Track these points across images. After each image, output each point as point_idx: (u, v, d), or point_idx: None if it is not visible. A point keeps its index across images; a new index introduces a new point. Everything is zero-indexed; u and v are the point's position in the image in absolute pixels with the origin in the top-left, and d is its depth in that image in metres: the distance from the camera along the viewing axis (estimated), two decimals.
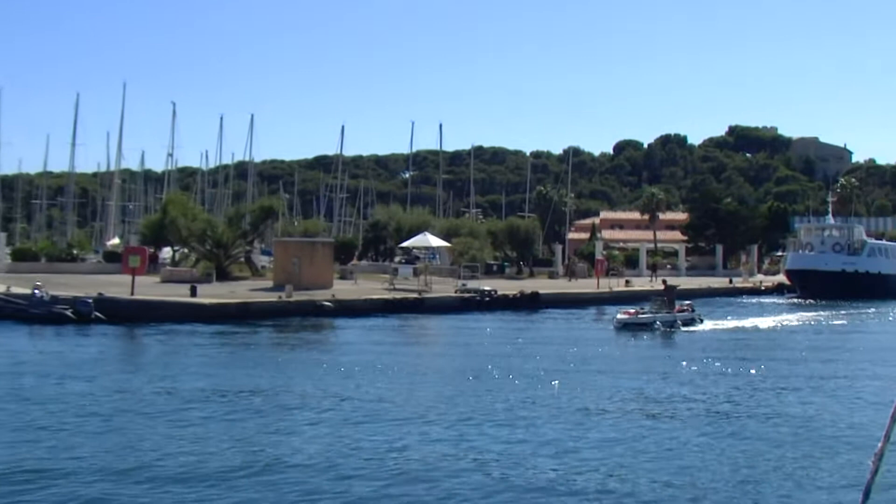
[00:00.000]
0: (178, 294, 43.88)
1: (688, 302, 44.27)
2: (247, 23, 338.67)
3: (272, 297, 45.43)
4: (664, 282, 46.56)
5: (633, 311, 41.42)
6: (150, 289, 46.77)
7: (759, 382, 24.11)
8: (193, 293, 43.73)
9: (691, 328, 40.20)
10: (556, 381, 22.91)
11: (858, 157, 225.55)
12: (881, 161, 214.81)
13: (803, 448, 16.18)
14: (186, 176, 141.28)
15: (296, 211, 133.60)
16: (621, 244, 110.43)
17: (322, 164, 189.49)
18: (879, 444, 4.73)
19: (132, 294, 41.88)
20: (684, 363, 27.79)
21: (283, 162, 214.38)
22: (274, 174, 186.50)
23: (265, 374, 24.63)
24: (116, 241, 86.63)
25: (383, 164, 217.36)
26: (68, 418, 17.71)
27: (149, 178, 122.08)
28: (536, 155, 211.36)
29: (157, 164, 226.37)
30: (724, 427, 17.97)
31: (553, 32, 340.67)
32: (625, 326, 39.31)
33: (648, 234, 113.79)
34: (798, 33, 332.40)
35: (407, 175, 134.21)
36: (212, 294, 45.35)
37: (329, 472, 13.92)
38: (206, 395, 20.76)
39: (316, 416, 18.51)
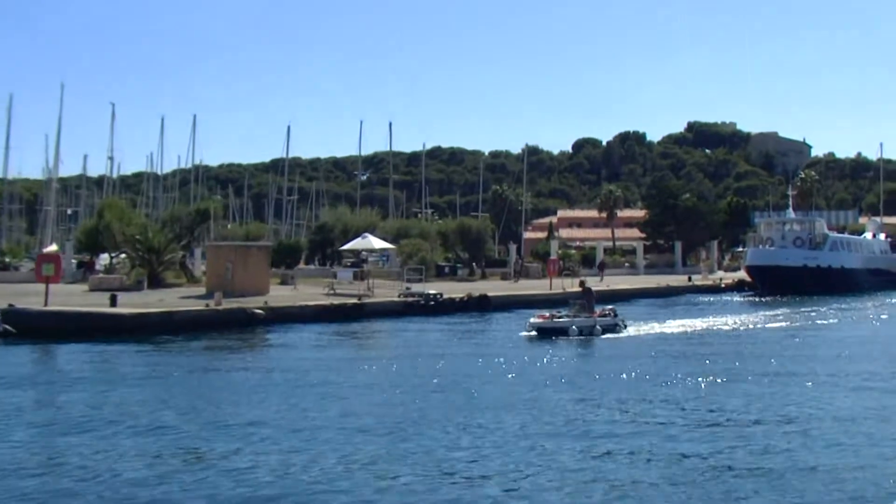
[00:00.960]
0: (97, 304, 41.08)
1: (610, 306, 41.28)
2: (194, 23, 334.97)
3: (200, 306, 42.58)
4: (581, 283, 43.35)
5: (547, 314, 38.30)
6: (74, 298, 44.32)
7: (659, 401, 21.44)
8: (113, 302, 40.85)
9: (613, 334, 37.33)
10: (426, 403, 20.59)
11: (818, 152, 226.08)
12: (840, 154, 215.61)
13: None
14: (142, 181, 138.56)
15: (247, 214, 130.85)
16: (578, 243, 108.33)
17: (278, 167, 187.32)
18: None
19: (46, 304, 39.08)
20: (591, 374, 25.49)
21: (239, 165, 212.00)
22: (230, 178, 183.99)
23: (131, 396, 22.09)
24: (54, 247, 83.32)
25: (341, 167, 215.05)
26: None
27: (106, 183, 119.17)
28: (495, 154, 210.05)
29: (102, 168, 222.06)
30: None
31: (512, 32, 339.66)
32: (538, 331, 36.32)
33: (606, 233, 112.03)
34: (755, 29, 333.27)
35: (361, 177, 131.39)
36: (136, 303, 42.47)
37: None
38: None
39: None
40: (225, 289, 45.38)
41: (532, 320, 37.25)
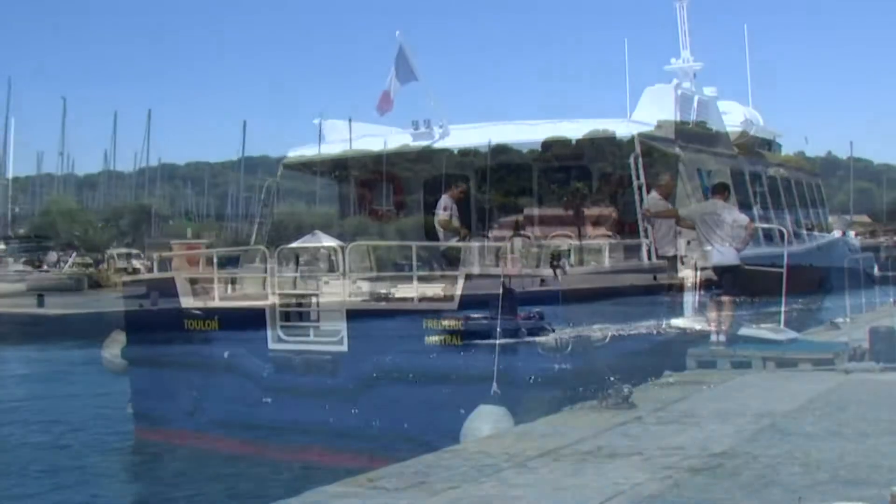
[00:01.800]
0: (25, 304, 39.39)
1: (537, 309, 38.85)
2: (160, 21, 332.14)
3: (134, 306, 40.71)
4: (503, 284, 41.26)
5: (461, 317, 35.58)
6: (5, 298, 42.85)
7: None
8: (41, 303, 39.09)
9: (536, 339, 34.93)
10: None
11: (788, 150, 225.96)
12: (810, 153, 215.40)
13: None
14: (115, 179, 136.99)
15: (207, 212, 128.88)
16: (543, 241, 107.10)
17: (247, 165, 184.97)
18: None
19: None
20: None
21: (206, 163, 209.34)
22: (196, 176, 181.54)
23: None
24: (2, 247, 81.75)
25: (307, 164, 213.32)
26: None
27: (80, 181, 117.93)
28: (464, 152, 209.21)
29: (82, 167, 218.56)
30: None
31: (484, 31, 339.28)
32: (449, 335, 33.67)
33: (573, 231, 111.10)
34: (724, 25, 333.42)
35: (320, 175, 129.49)
36: (68, 304, 40.66)
37: None
38: None
39: None
40: (164, 289, 43.62)
41: (443, 323, 34.73)
